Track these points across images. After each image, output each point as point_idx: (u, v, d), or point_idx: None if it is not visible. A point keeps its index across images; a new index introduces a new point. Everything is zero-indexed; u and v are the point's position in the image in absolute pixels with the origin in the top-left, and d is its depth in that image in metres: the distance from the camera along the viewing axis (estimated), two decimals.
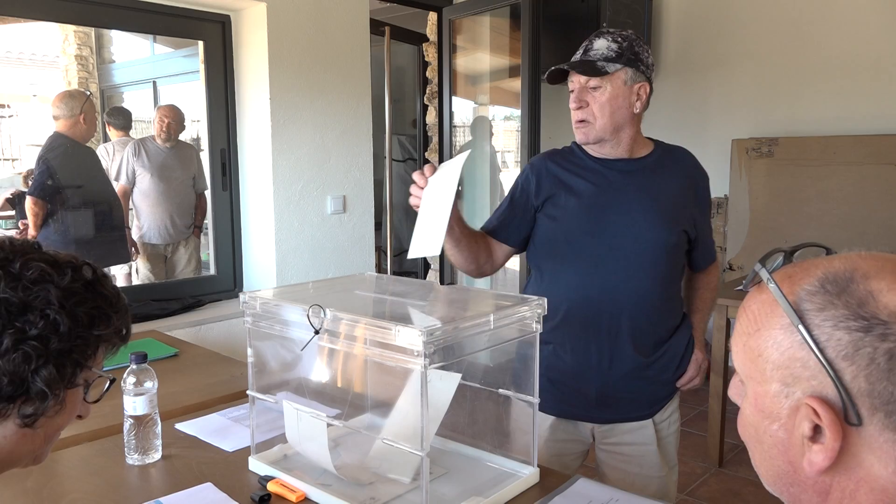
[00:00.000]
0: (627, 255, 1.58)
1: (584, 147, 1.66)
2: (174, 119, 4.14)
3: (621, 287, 1.58)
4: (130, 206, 4.19)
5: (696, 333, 1.75)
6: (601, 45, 1.57)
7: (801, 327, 0.57)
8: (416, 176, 1.45)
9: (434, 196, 1.42)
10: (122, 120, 4.58)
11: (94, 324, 0.83)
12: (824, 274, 0.59)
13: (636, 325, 1.60)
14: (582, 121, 1.59)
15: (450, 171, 1.41)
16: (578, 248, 1.61)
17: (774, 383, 0.60)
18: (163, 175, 4.13)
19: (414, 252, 1.40)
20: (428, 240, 1.39)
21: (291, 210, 3.11)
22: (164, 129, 4.08)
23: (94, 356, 0.86)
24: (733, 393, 0.68)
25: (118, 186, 4.09)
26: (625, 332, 1.59)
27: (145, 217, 4.17)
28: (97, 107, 6.80)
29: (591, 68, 1.56)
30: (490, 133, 5.20)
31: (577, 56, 1.61)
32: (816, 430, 0.57)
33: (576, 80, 1.59)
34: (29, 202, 3.37)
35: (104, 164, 4.13)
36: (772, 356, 0.60)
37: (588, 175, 1.64)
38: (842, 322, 0.55)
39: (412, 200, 1.46)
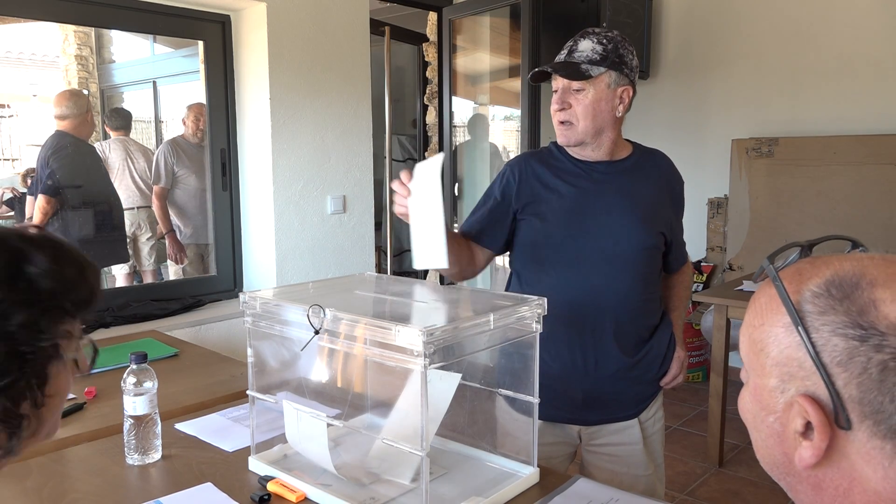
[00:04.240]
0: (608, 256, 1.58)
1: (564, 148, 1.65)
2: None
3: (603, 288, 1.58)
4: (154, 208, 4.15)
5: (675, 331, 1.75)
6: (586, 47, 1.55)
7: (800, 329, 0.58)
8: (396, 186, 1.43)
9: (421, 202, 1.40)
10: (122, 121, 4.59)
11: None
12: (832, 276, 0.59)
13: (619, 325, 1.60)
14: (564, 122, 1.58)
15: (429, 174, 1.39)
16: (560, 250, 1.60)
17: (773, 378, 0.61)
18: (204, 174, 4.13)
19: (421, 263, 1.42)
20: (432, 251, 1.41)
21: (291, 210, 3.11)
22: (199, 128, 4.07)
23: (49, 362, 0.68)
24: (742, 376, 0.69)
25: (156, 188, 4.07)
26: (608, 333, 1.59)
27: (193, 217, 4.13)
28: (97, 106, 6.83)
29: (575, 71, 1.54)
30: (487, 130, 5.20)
31: (562, 56, 1.59)
32: (808, 427, 0.58)
33: (559, 81, 1.57)
34: (41, 200, 3.35)
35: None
36: (772, 352, 0.61)
37: (569, 177, 1.63)
38: (840, 328, 0.56)
39: (397, 209, 1.44)
